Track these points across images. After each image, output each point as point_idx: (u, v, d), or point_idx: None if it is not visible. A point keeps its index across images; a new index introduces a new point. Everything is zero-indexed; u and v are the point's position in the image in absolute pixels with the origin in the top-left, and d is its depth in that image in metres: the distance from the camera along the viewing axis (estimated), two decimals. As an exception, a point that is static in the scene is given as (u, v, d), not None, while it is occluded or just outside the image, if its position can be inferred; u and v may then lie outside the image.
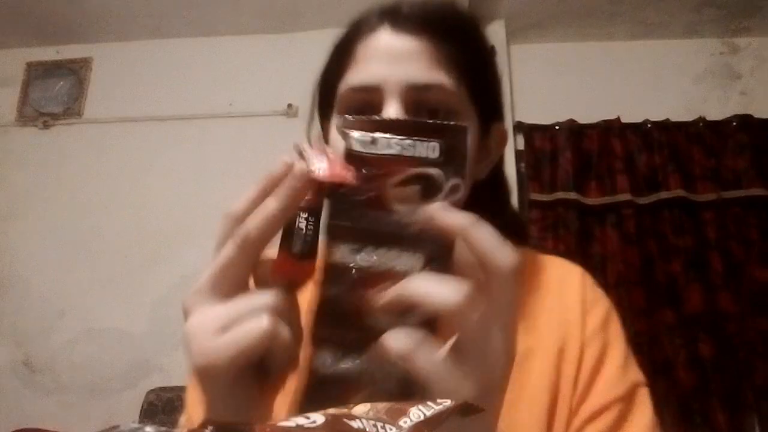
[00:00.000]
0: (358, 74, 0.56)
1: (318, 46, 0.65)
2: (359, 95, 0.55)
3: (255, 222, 0.36)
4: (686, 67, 2.61)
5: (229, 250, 0.36)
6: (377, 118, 0.51)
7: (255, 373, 0.37)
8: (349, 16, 0.60)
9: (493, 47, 0.61)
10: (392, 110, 0.53)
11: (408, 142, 0.34)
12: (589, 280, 0.64)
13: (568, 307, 0.60)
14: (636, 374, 0.58)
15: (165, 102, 2.62)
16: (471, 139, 0.50)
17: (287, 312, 0.36)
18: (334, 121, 0.58)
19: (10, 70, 2.74)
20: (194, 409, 0.58)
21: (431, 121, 0.35)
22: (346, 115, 0.37)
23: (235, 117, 2.57)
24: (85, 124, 2.64)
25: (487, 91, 0.60)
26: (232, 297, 0.36)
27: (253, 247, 0.36)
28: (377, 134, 0.34)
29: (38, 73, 2.74)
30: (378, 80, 0.54)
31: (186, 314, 0.37)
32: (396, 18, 0.56)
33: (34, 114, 2.68)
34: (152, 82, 2.67)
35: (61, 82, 2.70)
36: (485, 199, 0.59)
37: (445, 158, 0.34)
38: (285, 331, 0.35)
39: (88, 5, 2.49)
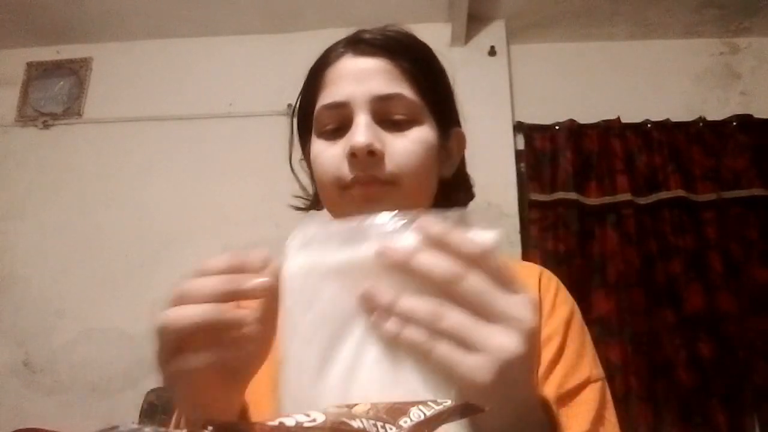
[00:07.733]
0: (329, 95, 0.63)
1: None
2: (331, 112, 0.62)
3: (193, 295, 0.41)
4: (686, 67, 2.61)
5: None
6: None
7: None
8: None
9: (442, 67, 0.69)
10: (361, 120, 0.59)
11: None
12: (548, 281, 0.68)
13: None
14: (588, 371, 0.61)
15: (165, 102, 2.62)
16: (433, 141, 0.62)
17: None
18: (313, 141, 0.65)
19: (10, 70, 2.74)
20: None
21: None
22: None
23: (234, 117, 2.57)
24: (85, 124, 2.64)
25: (442, 101, 0.68)
26: None
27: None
28: None
29: (38, 73, 2.74)
30: (346, 97, 0.61)
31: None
32: (357, 44, 0.64)
33: (34, 114, 2.67)
34: (152, 82, 2.66)
35: (61, 82, 2.70)
36: (450, 196, 0.69)
37: None
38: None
39: (88, 5, 2.49)
